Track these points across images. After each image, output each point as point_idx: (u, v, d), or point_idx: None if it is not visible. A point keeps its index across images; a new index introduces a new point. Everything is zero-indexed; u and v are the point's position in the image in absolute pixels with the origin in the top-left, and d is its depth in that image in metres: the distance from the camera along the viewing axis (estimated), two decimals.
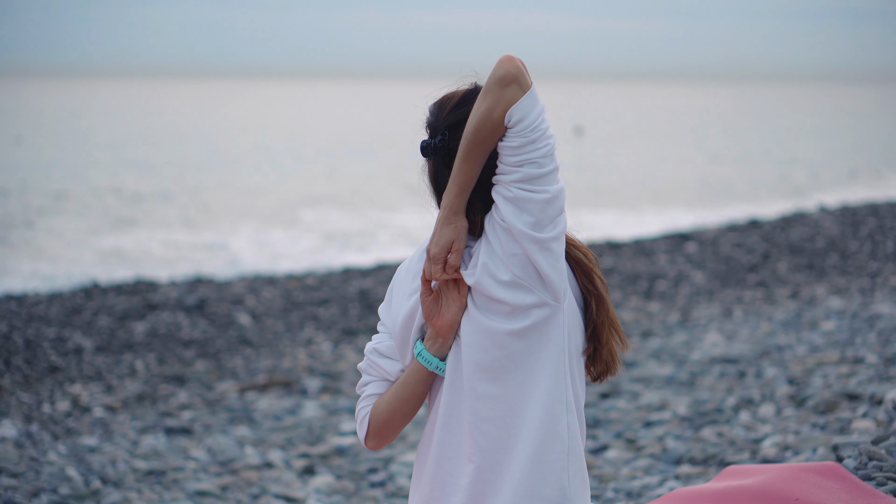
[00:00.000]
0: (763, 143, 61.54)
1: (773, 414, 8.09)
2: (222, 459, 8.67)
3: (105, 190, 35.03)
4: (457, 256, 3.35)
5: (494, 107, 3.25)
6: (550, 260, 3.31)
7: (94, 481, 7.98)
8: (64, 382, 11.01)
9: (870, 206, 24.79)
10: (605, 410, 9.04)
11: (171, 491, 7.88)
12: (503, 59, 3.25)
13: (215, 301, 14.80)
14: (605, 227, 25.91)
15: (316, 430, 9.40)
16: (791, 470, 4.56)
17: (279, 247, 24.45)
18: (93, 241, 24.40)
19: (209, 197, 33.77)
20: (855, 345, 9.93)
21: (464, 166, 3.31)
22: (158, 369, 11.69)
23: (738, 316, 13.41)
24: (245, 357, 12.30)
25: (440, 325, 3.39)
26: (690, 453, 7.39)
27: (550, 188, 3.29)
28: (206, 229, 26.52)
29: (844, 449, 5.91)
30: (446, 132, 3.41)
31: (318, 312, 14.51)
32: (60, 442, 9.11)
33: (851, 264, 16.87)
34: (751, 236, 20.28)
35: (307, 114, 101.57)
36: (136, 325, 13.41)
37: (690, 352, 11.08)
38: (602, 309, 3.46)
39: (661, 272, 16.92)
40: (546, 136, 3.28)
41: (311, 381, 11.14)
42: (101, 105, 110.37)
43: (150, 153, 50.98)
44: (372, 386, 3.52)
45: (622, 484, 6.97)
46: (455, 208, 3.35)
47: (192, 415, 10.12)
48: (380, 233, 26.42)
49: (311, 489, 7.85)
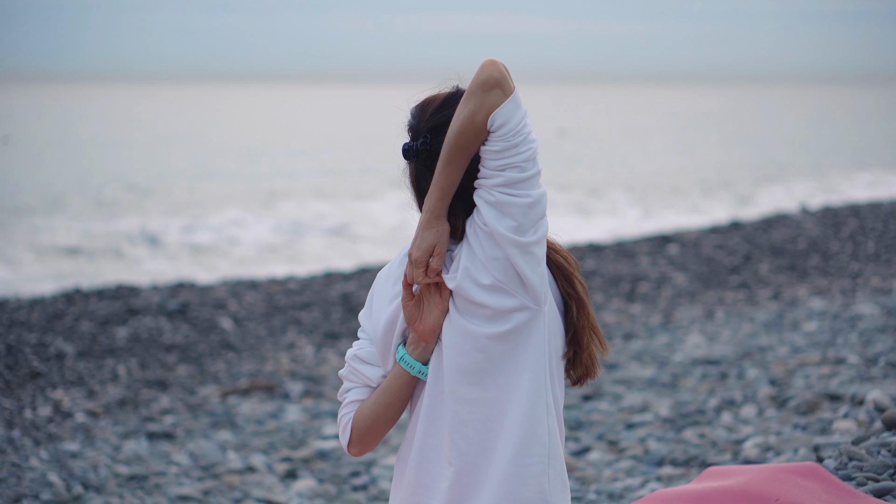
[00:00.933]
0: (733, 145, 61.63)
1: (755, 415, 8.11)
2: (204, 464, 8.65)
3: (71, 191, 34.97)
4: (439, 260, 3.35)
5: (477, 111, 3.24)
6: (532, 264, 3.31)
7: (75, 487, 7.96)
8: (46, 388, 10.97)
9: (851, 206, 24.85)
10: (587, 412, 9.05)
11: (154, 496, 7.87)
12: (486, 64, 3.25)
13: (197, 305, 14.77)
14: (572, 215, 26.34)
15: (298, 434, 9.39)
16: (771, 471, 4.57)
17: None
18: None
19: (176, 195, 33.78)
20: (836, 345, 9.96)
21: (446, 170, 3.31)
22: (140, 374, 11.66)
23: (720, 317, 13.43)
24: (227, 361, 12.28)
25: (422, 330, 3.39)
26: (672, 455, 7.40)
27: (532, 192, 3.29)
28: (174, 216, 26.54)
29: (825, 449, 5.93)
30: (428, 135, 3.41)
31: (301, 316, 14.49)
32: (42, 447, 9.09)
33: (833, 265, 16.91)
34: (732, 238, 20.32)
35: (296, 117, 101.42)
36: (118, 330, 13.38)
37: (672, 353, 11.10)
38: (582, 313, 3.47)
39: (643, 274, 16.94)
40: (528, 141, 3.28)
41: (294, 385, 11.13)
42: (79, 109, 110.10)
43: (129, 155, 50.87)
44: (354, 392, 3.52)
45: (604, 486, 6.98)
46: (437, 212, 3.35)
47: (174, 419, 10.10)
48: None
49: (293, 493, 7.84)
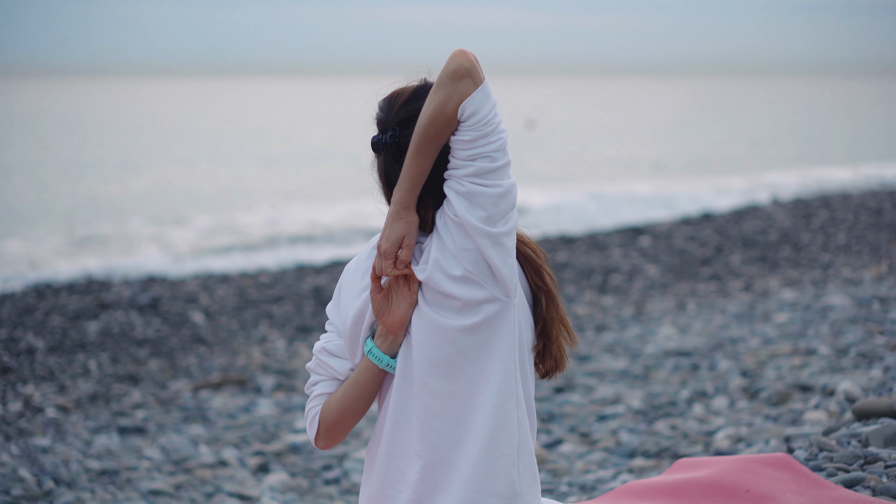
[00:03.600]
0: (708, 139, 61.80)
1: (727, 406, 8.13)
2: (176, 458, 8.62)
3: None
4: (408, 252, 3.34)
5: (447, 100, 3.24)
6: (502, 255, 3.30)
7: (46, 482, 7.92)
8: (16, 383, 10.92)
9: (821, 198, 24.95)
10: (559, 405, 9.05)
11: (125, 491, 7.83)
12: (456, 53, 3.25)
13: (168, 300, 14.73)
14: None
15: (270, 428, 9.37)
16: (742, 462, 4.58)
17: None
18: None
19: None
20: (807, 336, 9.99)
21: (416, 160, 3.30)
22: (111, 369, 11.61)
23: (692, 309, 13.46)
24: (199, 355, 12.24)
25: (391, 323, 3.38)
26: (644, 446, 7.41)
27: (503, 182, 3.28)
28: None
29: (796, 440, 5.95)
30: (397, 128, 3.40)
31: (272, 310, 14.46)
32: (12, 443, 9.04)
33: (804, 256, 16.97)
34: (704, 229, 20.38)
35: (279, 111, 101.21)
36: (89, 324, 13.33)
37: (644, 345, 11.11)
38: (552, 305, 3.47)
39: (615, 266, 16.97)
40: (498, 131, 3.28)
41: (266, 378, 11.10)
42: (60, 104, 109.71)
43: (108, 148, 50.72)
44: (321, 385, 3.51)
45: (576, 478, 6.99)
46: (406, 203, 3.34)
47: (145, 414, 10.06)
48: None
49: (265, 487, 7.82)
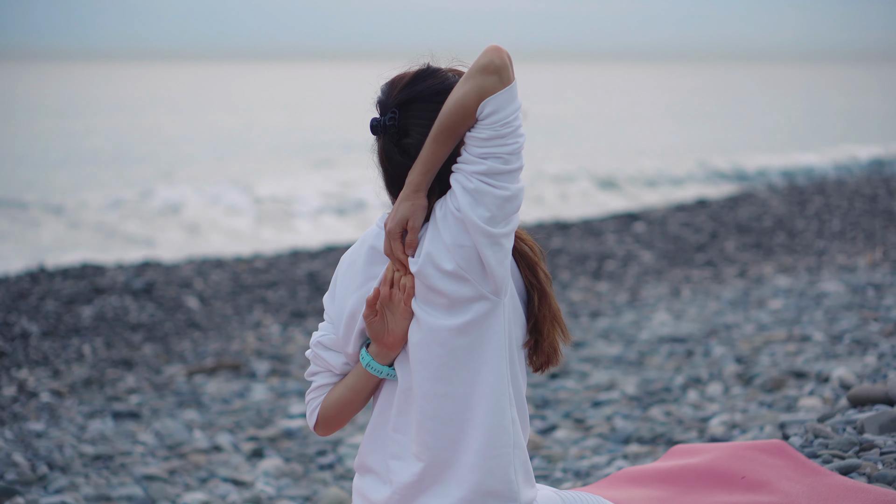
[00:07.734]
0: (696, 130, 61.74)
1: (721, 392, 8.13)
2: (170, 443, 8.62)
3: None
4: (413, 235, 3.32)
5: (470, 94, 3.21)
6: (499, 256, 3.29)
7: (40, 466, 7.92)
8: (10, 368, 10.91)
9: (816, 184, 24.96)
10: (553, 391, 9.06)
11: (119, 475, 7.83)
12: (489, 49, 3.22)
13: (163, 284, 14.71)
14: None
15: (264, 413, 9.37)
16: (737, 448, 4.58)
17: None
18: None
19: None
20: (802, 323, 10.00)
21: (431, 146, 3.28)
22: (106, 353, 11.61)
23: (687, 295, 13.46)
24: (193, 340, 12.23)
25: (391, 343, 3.38)
26: (639, 433, 7.41)
27: (511, 186, 3.26)
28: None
29: (791, 427, 5.95)
30: (396, 110, 3.38)
31: (267, 295, 14.45)
32: (7, 427, 9.03)
33: (798, 243, 16.97)
34: (699, 216, 20.38)
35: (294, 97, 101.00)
36: (84, 309, 13.31)
37: (639, 331, 11.11)
38: (544, 303, 3.45)
39: (609, 252, 16.96)
40: (516, 134, 3.24)
41: (260, 364, 11.09)
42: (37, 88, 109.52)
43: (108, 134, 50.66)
44: (320, 377, 3.52)
45: (571, 464, 6.99)
46: (416, 186, 3.31)
47: (139, 399, 10.06)
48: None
49: (259, 472, 7.82)
